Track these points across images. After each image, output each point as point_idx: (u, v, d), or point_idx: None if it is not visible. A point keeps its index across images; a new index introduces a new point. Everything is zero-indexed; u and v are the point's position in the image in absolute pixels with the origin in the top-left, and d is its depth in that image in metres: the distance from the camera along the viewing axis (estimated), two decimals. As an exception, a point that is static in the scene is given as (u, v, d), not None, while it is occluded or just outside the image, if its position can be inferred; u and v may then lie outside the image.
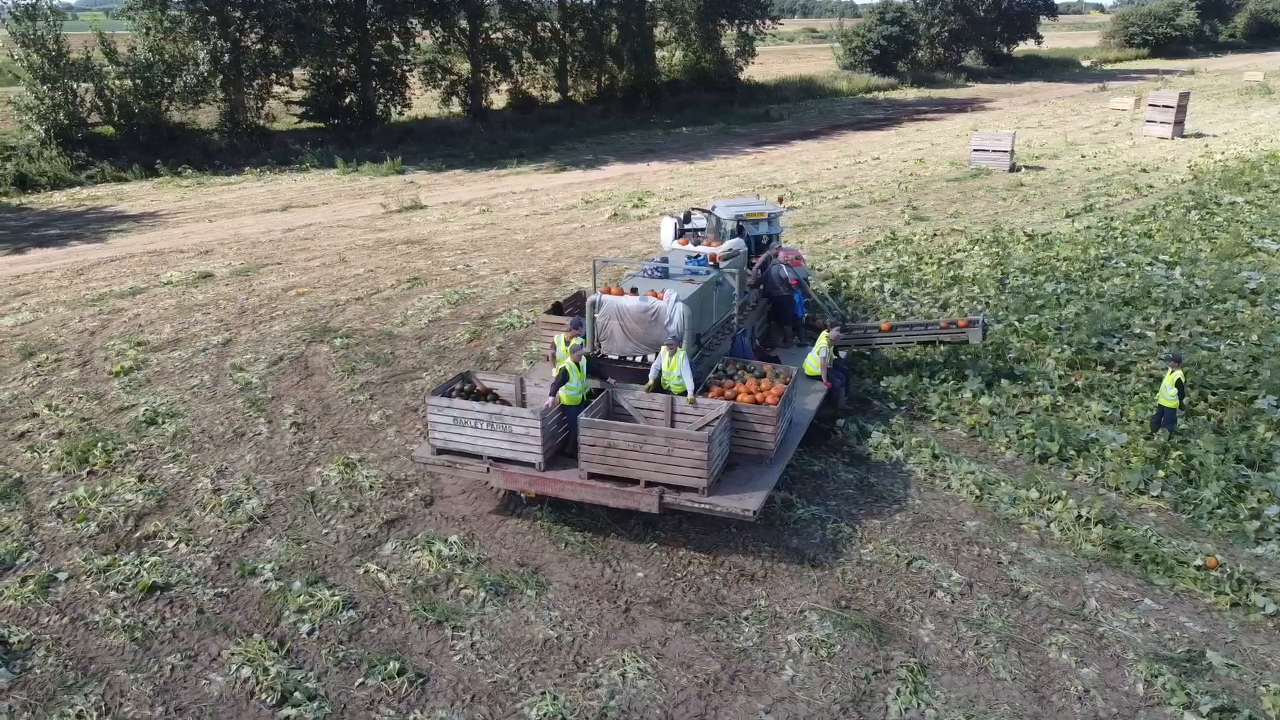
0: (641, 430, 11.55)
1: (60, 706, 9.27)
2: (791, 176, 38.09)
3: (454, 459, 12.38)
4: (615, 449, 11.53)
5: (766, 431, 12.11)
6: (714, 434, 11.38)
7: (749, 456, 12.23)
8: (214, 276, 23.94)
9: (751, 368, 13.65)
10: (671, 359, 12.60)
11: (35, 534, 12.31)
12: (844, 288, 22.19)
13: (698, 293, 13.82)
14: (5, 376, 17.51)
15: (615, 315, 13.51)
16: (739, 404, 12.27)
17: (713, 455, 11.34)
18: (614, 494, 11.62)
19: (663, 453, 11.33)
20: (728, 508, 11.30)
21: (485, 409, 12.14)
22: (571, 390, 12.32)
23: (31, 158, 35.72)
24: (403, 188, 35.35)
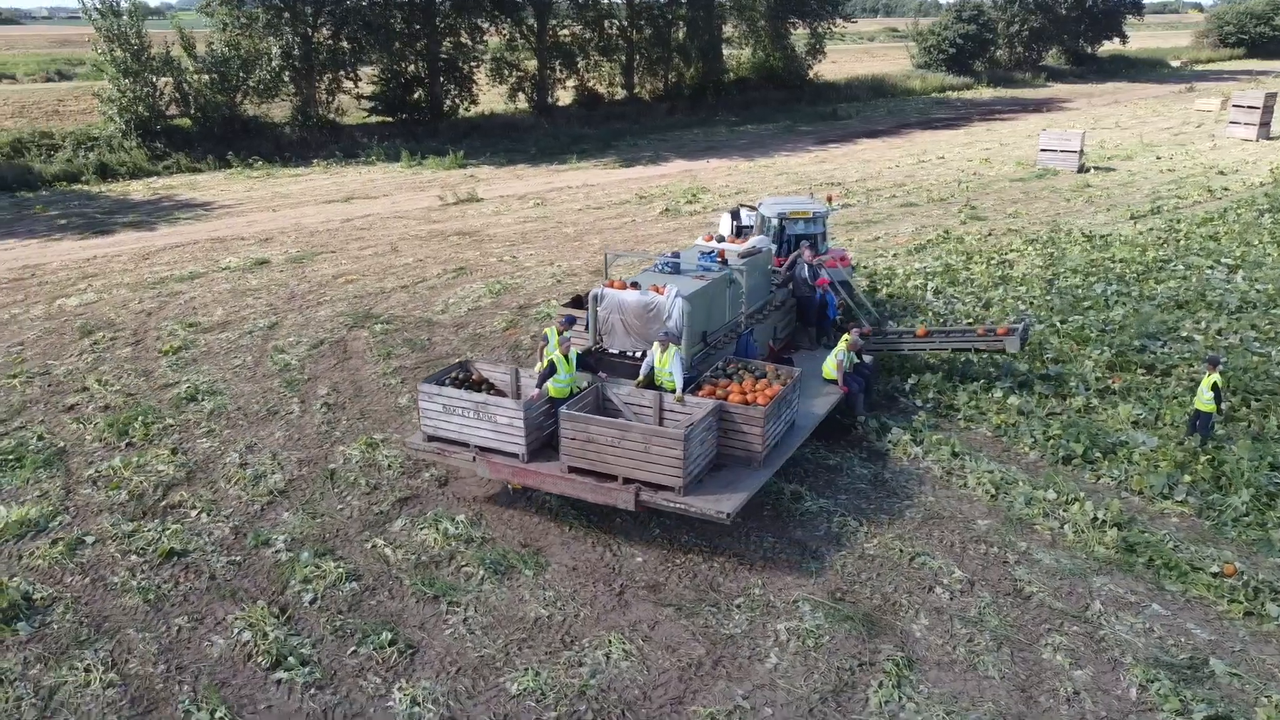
0: (620, 426, 11.29)
1: (71, 660, 9.74)
2: (851, 175, 37.69)
3: (443, 447, 12.40)
4: (595, 443, 11.32)
5: (754, 434, 11.67)
6: (692, 433, 11.04)
7: (737, 458, 11.88)
8: (270, 263, 24.72)
9: (753, 368, 13.23)
10: (664, 355, 12.34)
11: (71, 499, 12.92)
12: (886, 286, 21.92)
13: (703, 290, 13.64)
14: (64, 353, 18.36)
15: (616, 309, 13.45)
16: (726, 404, 11.91)
17: (691, 454, 11.04)
18: (592, 489, 11.41)
19: (640, 449, 11.08)
20: (702, 509, 10.95)
21: (472, 398, 12.09)
22: (559, 383, 12.22)
23: (112, 148, 37.30)
24: (462, 181, 35.94)
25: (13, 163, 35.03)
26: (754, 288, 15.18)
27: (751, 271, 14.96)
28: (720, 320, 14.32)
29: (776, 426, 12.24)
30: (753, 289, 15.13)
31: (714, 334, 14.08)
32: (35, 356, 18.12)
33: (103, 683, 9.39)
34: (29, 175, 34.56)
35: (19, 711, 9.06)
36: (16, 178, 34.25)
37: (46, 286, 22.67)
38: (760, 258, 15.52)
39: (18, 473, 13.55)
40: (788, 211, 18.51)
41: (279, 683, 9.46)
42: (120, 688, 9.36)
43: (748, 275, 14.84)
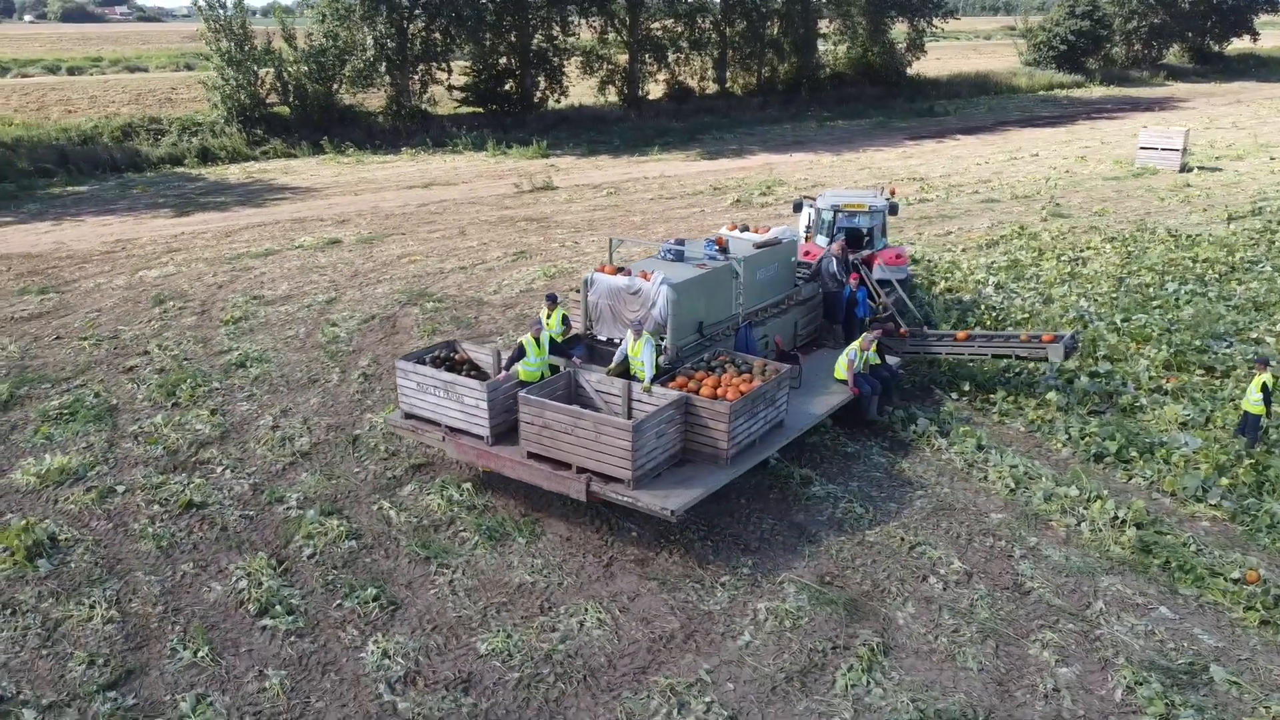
0: (573, 413, 10.93)
1: (80, 596, 10.29)
2: (935, 170, 36.75)
3: (418, 425, 12.43)
4: (550, 430, 11.04)
5: (719, 430, 11.15)
6: (645, 424, 10.67)
7: (703, 455, 11.42)
8: (341, 243, 25.54)
9: (740, 362, 12.57)
10: (636, 343, 11.94)
11: (112, 452, 13.63)
12: (946, 280, 21.32)
13: (698, 279, 13.15)
14: (135, 319, 19.36)
15: (605, 295, 13.16)
16: (692, 397, 11.37)
17: (644, 447, 10.65)
18: (548, 476, 11.14)
19: (593, 439, 10.74)
20: (649, 504, 10.51)
21: (441, 377, 12.02)
22: (529, 366, 12.10)
23: (214, 133, 39.10)
24: (541, 170, 36.42)
25: (123, 145, 37.06)
26: (772, 280, 14.69)
27: (769, 263, 14.48)
28: (720, 312, 13.74)
29: (750, 425, 11.63)
30: (770, 281, 14.64)
31: (712, 326, 13.54)
32: (108, 321, 19.16)
33: (104, 619, 9.90)
34: (137, 157, 36.52)
35: (24, 639, 9.62)
36: (126, 160, 36.23)
37: (133, 259, 23.92)
38: (780, 249, 14.95)
39: (70, 426, 14.36)
40: (842, 205, 18.12)
41: (264, 629, 9.81)
42: (119, 624, 9.86)
43: (764, 267, 14.34)
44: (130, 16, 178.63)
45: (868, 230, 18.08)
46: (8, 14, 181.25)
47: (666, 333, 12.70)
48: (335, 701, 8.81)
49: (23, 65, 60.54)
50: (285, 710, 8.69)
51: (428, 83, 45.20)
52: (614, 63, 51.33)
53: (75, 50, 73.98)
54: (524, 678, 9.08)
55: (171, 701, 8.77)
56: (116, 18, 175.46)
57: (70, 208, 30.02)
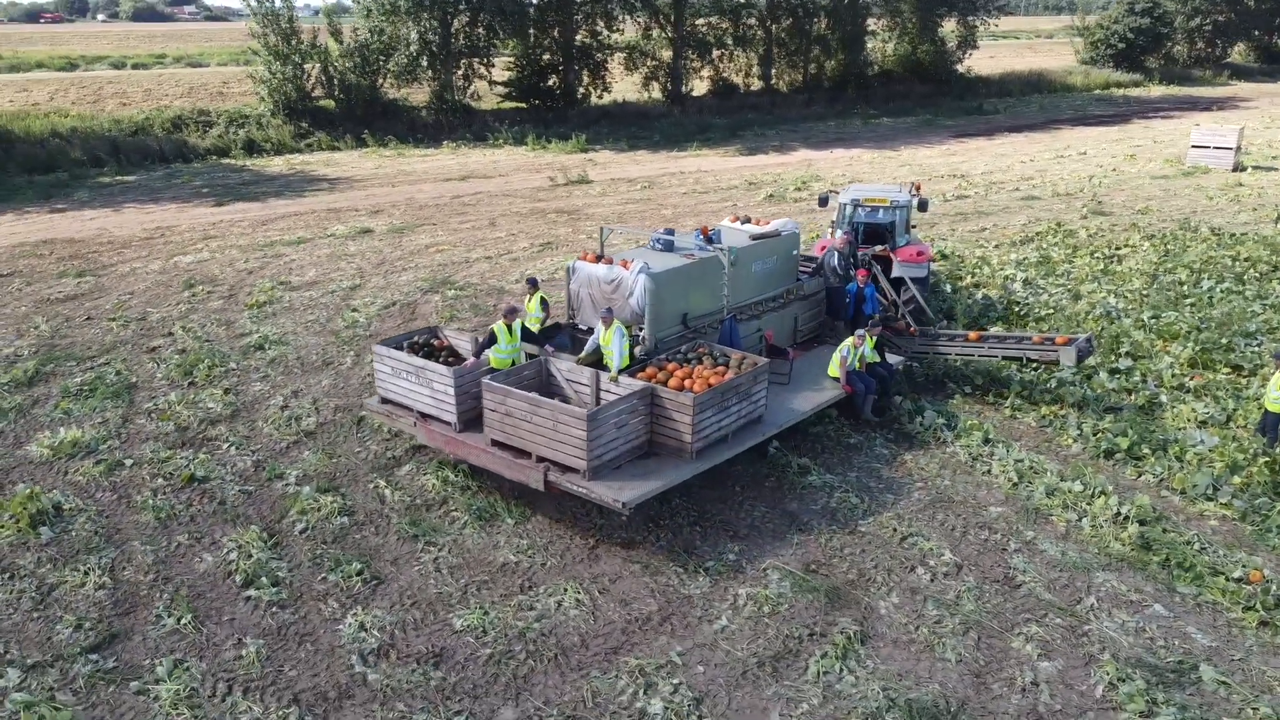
0: (532, 401, 10.77)
1: (76, 563, 10.53)
2: (977, 168, 36.15)
3: (393, 410, 12.41)
4: (512, 418, 10.92)
5: (683, 422, 10.89)
6: (602, 414, 10.50)
7: (669, 447, 11.18)
8: (372, 232, 25.85)
9: (717, 354, 12.29)
10: (607, 332, 11.75)
11: (125, 427, 13.94)
12: (973, 276, 20.93)
13: (681, 270, 12.87)
14: (165, 301, 19.79)
15: (586, 284, 12.96)
16: (658, 388, 11.12)
17: (601, 437, 10.49)
18: (508, 465, 11.01)
19: (550, 427, 10.60)
20: (602, 495, 10.33)
21: (412, 362, 11.97)
22: (500, 353, 12.00)
23: (260, 126, 39.83)
24: (579, 164, 36.48)
25: (171, 137, 37.92)
26: (770, 273, 14.36)
27: (766, 256, 14.16)
28: (708, 304, 13.44)
29: (720, 418, 11.35)
30: (768, 274, 14.31)
31: (700, 318, 13.27)
32: (138, 304, 19.61)
33: (96, 585, 10.13)
34: (185, 149, 37.33)
35: (19, 602, 9.88)
36: (174, 151, 37.06)
37: (170, 245, 24.46)
38: (779, 242, 14.58)
39: (89, 401, 14.72)
40: (862, 199, 17.78)
41: (248, 599, 9.96)
42: (110, 590, 10.07)
43: (760, 260, 14.01)
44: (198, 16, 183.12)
45: (888, 226, 17.69)
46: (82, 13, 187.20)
47: (644, 323, 12.44)
48: (307, 671, 8.90)
49: (90, 62, 62.44)
50: (258, 678, 8.80)
51: (471, 77, 45.55)
52: (658, 59, 51.28)
53: (141, 48, 76.07)
54: (495, 654, 9.10)
55: (149, 666, 8.93)
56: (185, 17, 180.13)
57: (117, 196, 30.80)
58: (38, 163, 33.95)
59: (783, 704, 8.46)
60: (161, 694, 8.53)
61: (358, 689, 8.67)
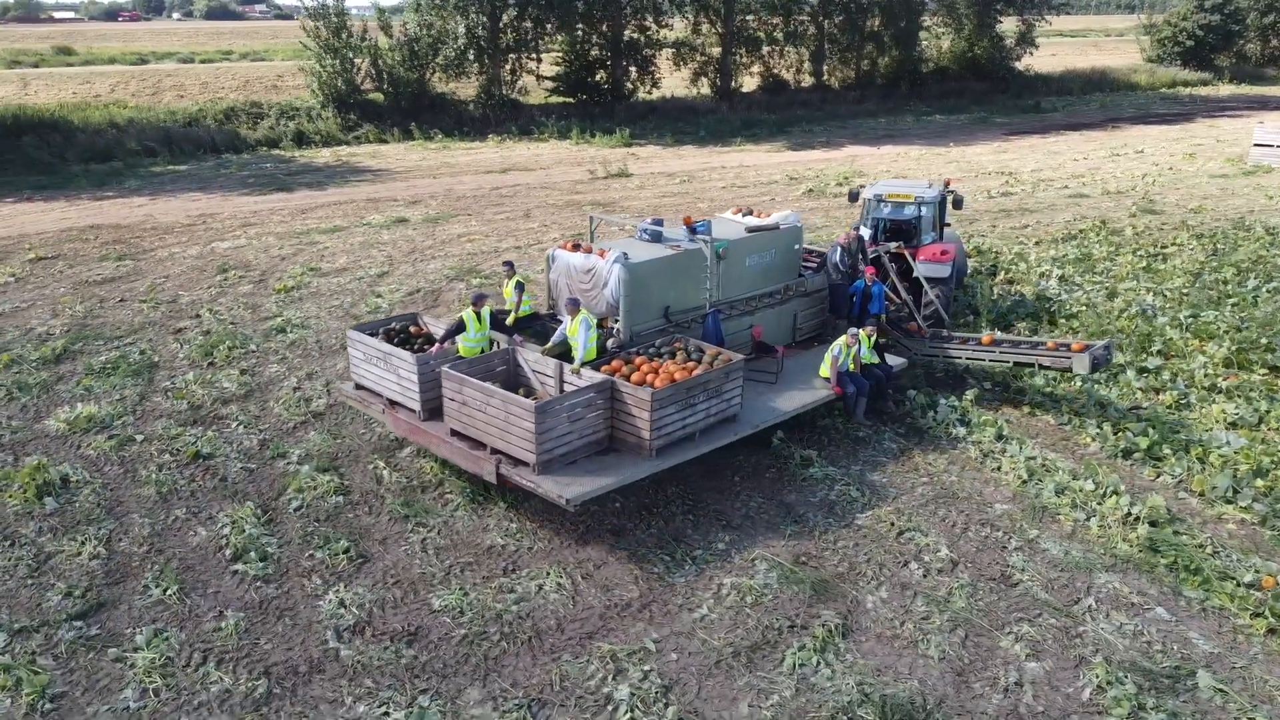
0: (485, 390, 10.44)
1: (75, 533, 10.72)
2: (1027, 165, 35.30)
3: (365, 396, 12.30)
4: (468, 407, 10.61)
5: (641, 418, 10.47)
6: (552, 406, 10.21)
7: (628, 444, 10.76)
8: (408, 221, 26.07)
9: (692, 349, 11.79)
10: (573, 322, 11.37)
11: (141, 405, 14.19)
12: (1007, 272, 20.40)
13: (661, 261, 12.45)
14: (197, 285, 20.16)
15: (564, 273, 12.65)
16: (618, 382, 10.73)
17: (551, 430, 10.14)
18: (465, 455, 10.79)
19: (502, 418, 10.26)
20: (548, 491, 9.98)
21: (380, 347, 11.85)
22: (469, 341, 11.77)
23: (310, 118, 40.45)
24: (621, 158, 36.43)
25: (224, 128, 38.71)
26: (767, 267, 13.84)
27: (763, 249, 13.68)
28: (692, 297, 12.93)
29: (684, 415, 10.84)
30: (765, 268, 13.80)
31: (682, 312, 12.79)
32: (172, 287, 19.99)
33: (91, 555, 10.29)
34: (236, 140, 38.08)
35: (15, 569, 10.07)
36: (225, 142, 37.83)
37: (210, 231, 24.92)
38: (778, 235, 14.02)
39: (110, 379, 15.01)
40: (886, 194, 17.15)
41: (235, 572, 10.04)
42: (103, 560, 10.22)
43: (756, 253, 13.53)
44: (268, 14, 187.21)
45: (913, 222, 16.95)
46: (158, 12, 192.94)
47: (620, 313, 12.03)
48: (282, 644, 8.93)
49: (160, 58, 64.21)
50: (233, 649, 8.85)
51: (518, 72, 45.75)
52: (707, 55, 50.99)
53: (209, 44, 78.02)
54: (470, 635, 9.03)
55: (130, 634, 9.03)
56: (255, 15, 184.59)
57: (167, 185, 31.51)
58: (95, 152, 34.90)
59: (753, 695, 8.26)
60: (138, 662, 8.61)
61: (329, 664, 8.67)
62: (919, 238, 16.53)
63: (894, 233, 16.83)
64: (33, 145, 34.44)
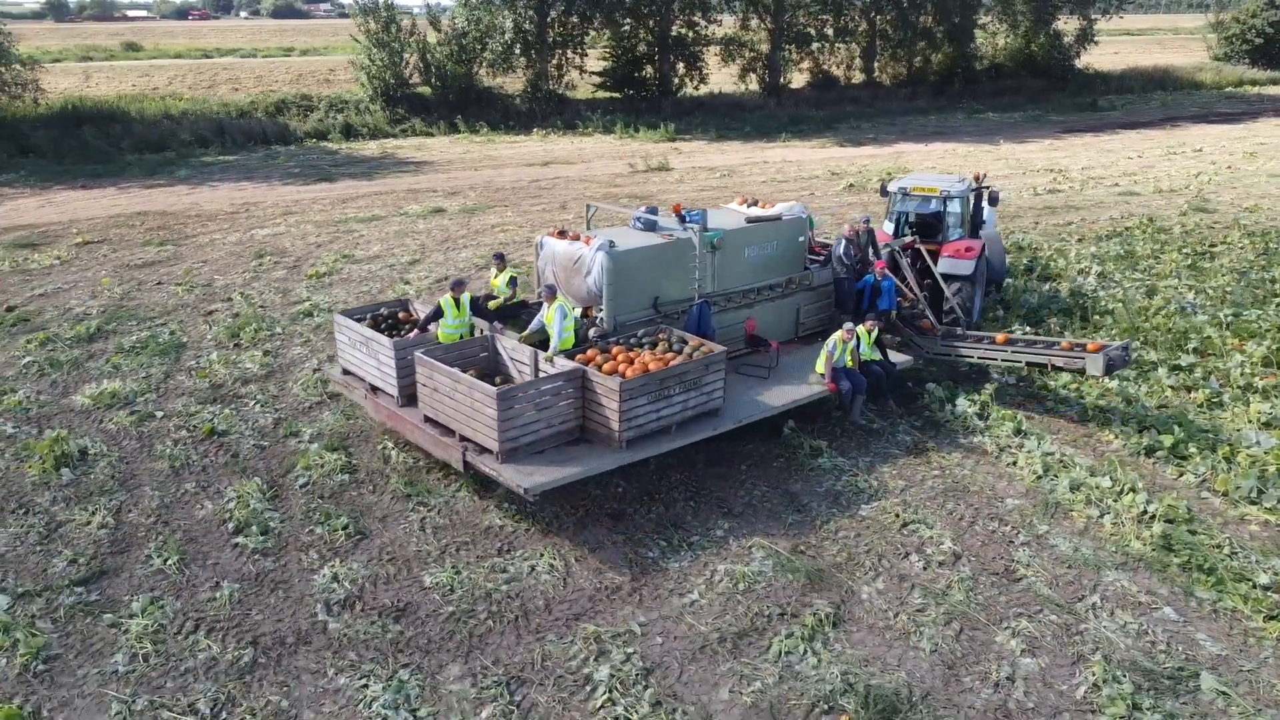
0: (452, 376, 10.30)
1: (87, 504, 10.95)
2: (1078, 162, 34.50)
3: (351, 381, 12.26)
4: (439, 394, 10.51)
5: (610, 409, 10.21)
6: (515, 393, 9.99)
7: (599, 435, 10.51)
8: (444, 212, 26.28)
9: (674, 340, 11.49)
10: (549, 309, 11.24)
11: (165, 383, 14.46)
12: (1043, 268, 19.92)
13: (649, 250, 12.10)
14: (233, 269, 20.52)
15: (551, 260, 12.42)
16: (589, 371, 10.47)
17: (515, 418, 9.96)
18: (435, 442, 10.70)
19: (468, 405, 10.12)
20: (509, 480, 9.82)
21: (361, 332, 11.78)
22: (448, 328, 11.67)
23: (358, 111, 41.02)
24: (664, 152, 36.33)
25: (274, 120, 39.43)
26: (767, 259, 13.43)
27: (763, 241, 13.26)
28: (683, 287, 12.50)
29: (657, 407, 10.53)
30: (765, 261, 13.39)
31: (672, 303, 12.42)
32: (208, 271, 20.38)
33: (99, 525, 10.49)
34: (286, 132, 38.76)
35: (27, 536, 10.31)
36: (276, 134, 38.53)
37: (252, 219, 25.38)
38: (780, 226, 13.50)
39: (138, 358, 15.33)
40: (910, 187, 16.62)
41: (235, 545, 10.16)
42: (110, 530, 10.42)
43: (755, 245, 13.14)
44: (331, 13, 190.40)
45: (939, 218, 16.38)
46: (226, 10, 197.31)
47: (603, 302, 11.76)
48: (272, 616, 9.01)
49: (224, 54, 65.58)
50: (225, 619, 8.95)
51: (565, 66, 45.89)
52: (756, 50, 50.65)
53: (272, 41, 79.53)
54: (457, 612, 9.02)
55: (127, 601, 9.18)
56: (320, 14, 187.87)
57: (215, 174, 32.17)
58: (149, 142, 35.79)
59: (735, 680, 8.13)
60: (131, 628, 8.75)
61: (316, 636, 8.72)
62: (945, 233, 16.09)
63: (921, 228, 16.44)
64: (91, 135, 35.44)
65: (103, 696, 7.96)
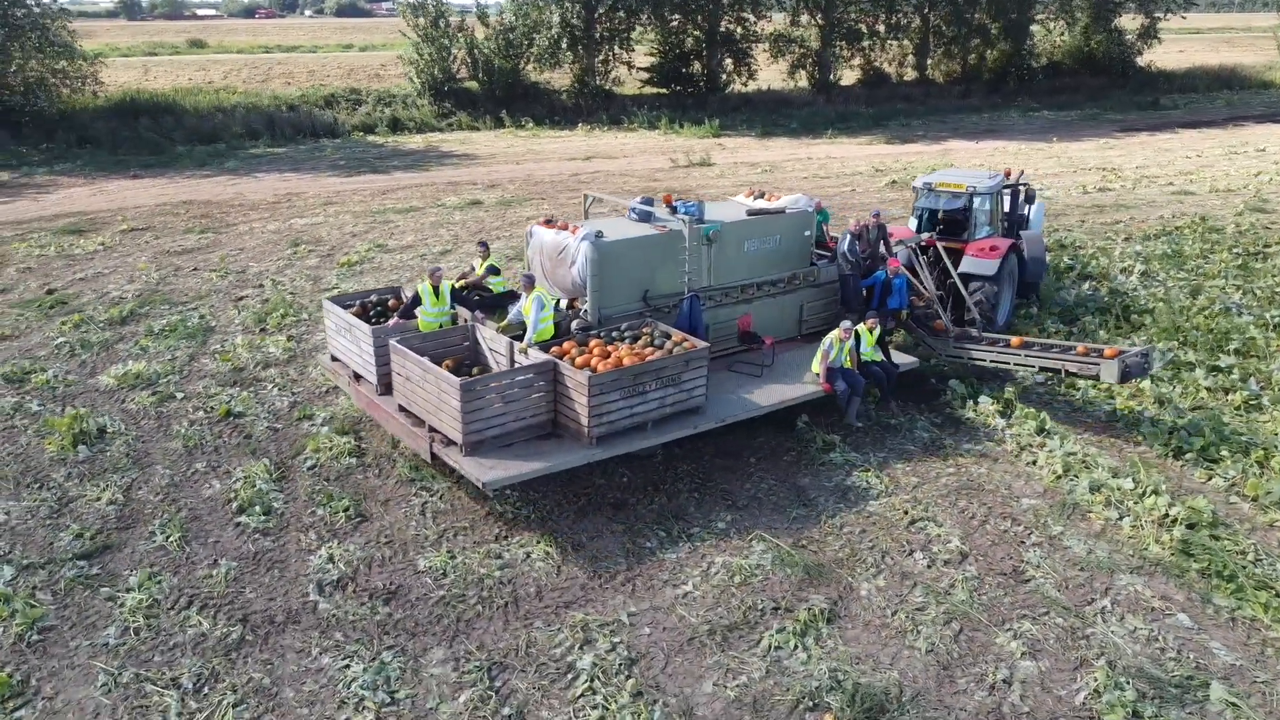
0: (421, 365, 10.12)
1: (100, 480, 11.10)
2: (1132, 162, 33.53)
3: (338, 368, 12.18)
4: (410, 383, 10.37)
5: (580, 403, 9.92)
6: (480, 385, 9.75)
7: (570, 430, 10.26)
8: (481, 204, 26.36)
9: (657, 334, 11.17)
10: (526, 299, 11.00)
11: (189, 365, 14.66)
12: (1085, 266, 19.35)
13: (638, 241, 11.77)
14: (267, 257, 20.78)
15: (539, 250, 12.17)
16: (560, 364, 10.19)
17: (479, 410, 9.73)
18: (407, 432, 10.59)
19: (435, 395, 9.93)
20: (470, 473, 9.64)
21: (345, 318, 11.71)
22: (427, 315, 11.55)
23: (405, 105, 41.40)
24: (707, 148, 36.07)
25: (323, 113, 39.94)
26: (769, 254, 13.00)
27: (764, 234, 12.86)
28: (674, 281, 12.11)
29: (630, 403, 10.20)
30: (767, 255, 12.97)
31: (664, 296, 12.05)
32: (243, 258, 20.66)
33: (109, 501, 10.63)
34: (334, 125, 39.24)
35: (38, 510, 10.48)
36: (324, 127, 39.02)
37: (292, 209, 25.70)
38: (783, 220, 13.07)
39: (166, 340, 15.57)
40: (935, 183, 15.98)
41: (237, 525, 10.22)
42: (118, 506, 10.55)
43: (755, 238, 12.75)
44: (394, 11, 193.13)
45: (965, 214, 15.75)
46: (292, 9, 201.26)
47: (587, 292, 11.49)
48: (264, 594, 9.03)
49: (286, 51, 66.81)
50: (218, 596, 8.99)
51: (610, 61, 45.82)
52: (805, 47, 50.10)
53: (333, 39, 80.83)
54: (448, 597, 8.96)
55: (126, 576, 9.27)
56: (381, 12, 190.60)
57: (263, 165, 32.65)
58: (201, 134, 36.46)
59: (721, 673, 7.94)
60: (127, 602, 8.83)
61: (306, 615, 8.71)
62: (971, 231, 15.54)
63: (947, 225, 15.94)
64: (146, 127, 36.20)
65: (91, 668, 8.03)
